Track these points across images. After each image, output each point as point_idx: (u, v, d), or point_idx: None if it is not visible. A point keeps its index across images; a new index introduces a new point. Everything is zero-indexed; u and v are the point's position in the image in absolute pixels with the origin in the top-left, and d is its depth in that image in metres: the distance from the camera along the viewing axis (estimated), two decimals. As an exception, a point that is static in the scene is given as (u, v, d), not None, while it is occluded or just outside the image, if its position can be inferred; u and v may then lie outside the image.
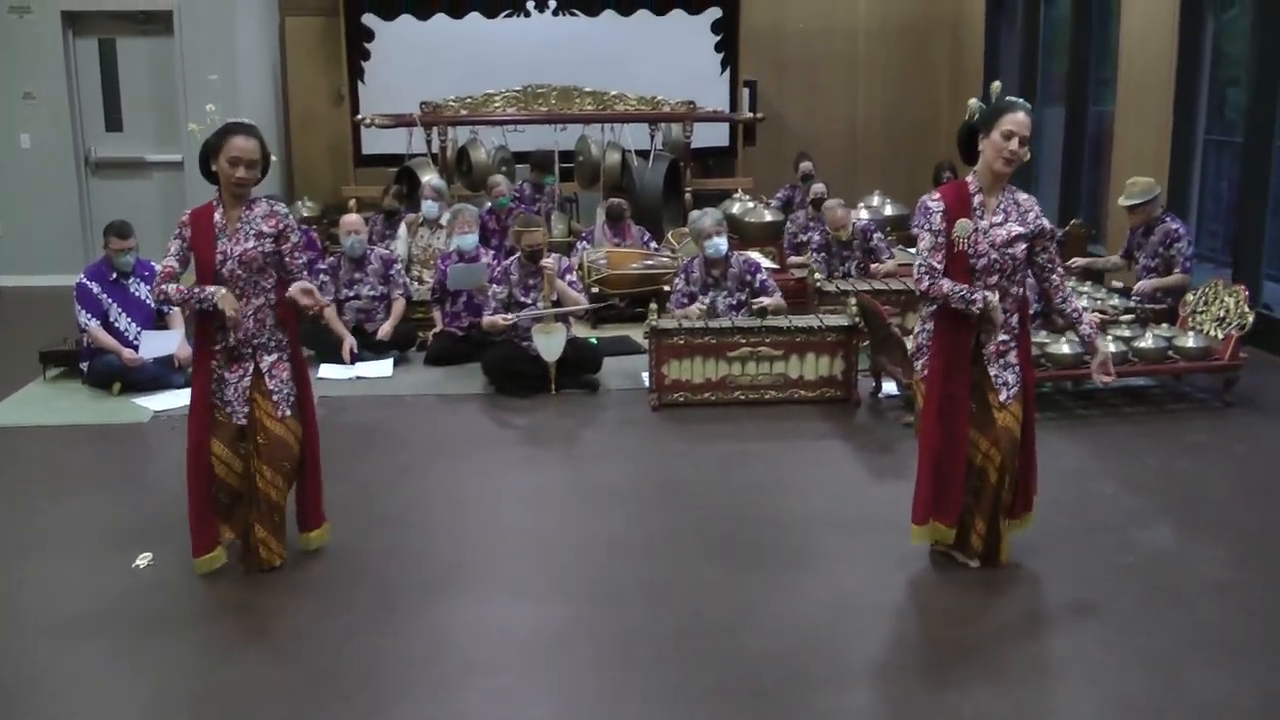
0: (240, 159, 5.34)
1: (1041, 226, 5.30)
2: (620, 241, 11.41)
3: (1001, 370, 5.36)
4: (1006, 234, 5.24)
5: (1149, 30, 11.14)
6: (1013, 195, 5.34)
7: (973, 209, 5.28)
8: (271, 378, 5.55)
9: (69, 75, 13.51)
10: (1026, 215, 5.29)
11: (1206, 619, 5.10)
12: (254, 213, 5.48)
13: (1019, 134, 5.17)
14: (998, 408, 5.35)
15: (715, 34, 15.19)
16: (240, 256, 5.39)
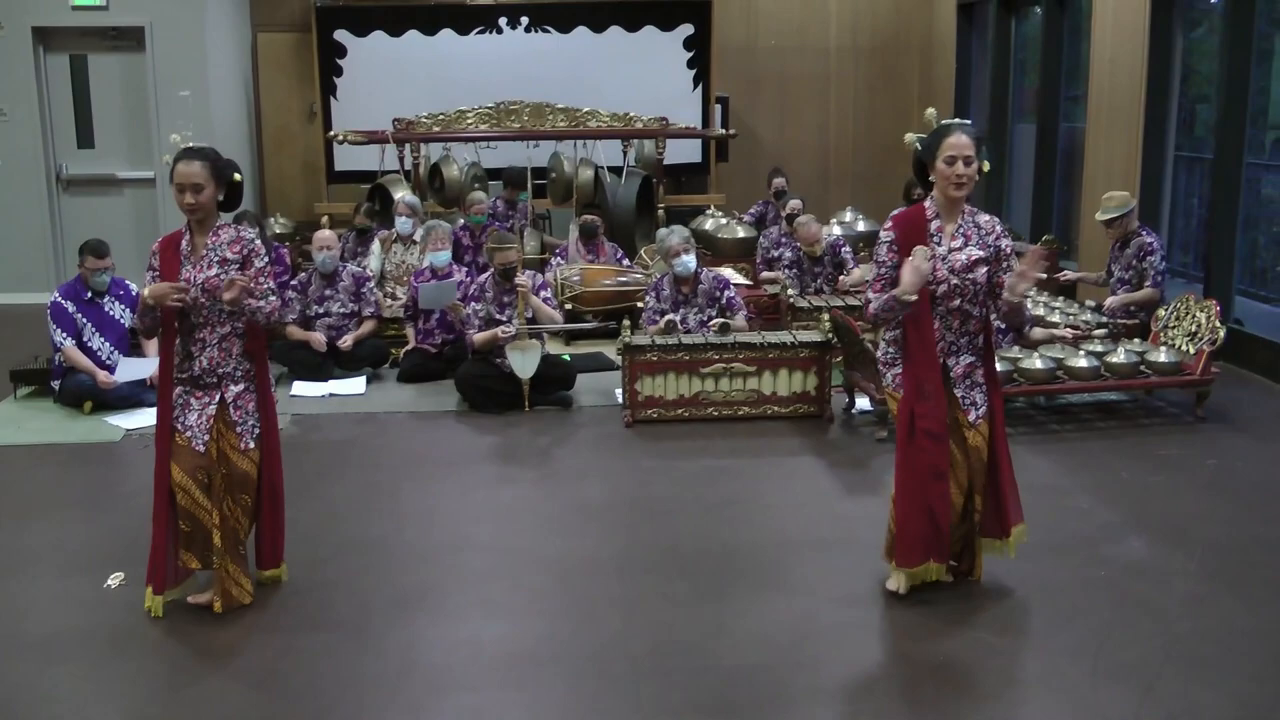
0: (184, 184, 5.25)
1: (999, 248, 5.25)
2: (594, 258, 11.41)
3: (969, 390, 5.33)
4: (966, 259, 5.19)
5: (1119, 47, 11.20)
6: (974, 218, 5.28)
7: (929, 235, 5.22)
8: (236, 408, 5.43)
9: (40, 92, 13.45)
10: (987, 238, 5.24)
11: (1179, 632, 5.12)
12: (220, 239, 5.37)
13: (960, 156, 5.09)
14: (967, 426, 5.32)
15: (687, 51, 15.22)
16: (203, 284, 5.28)
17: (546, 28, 15.00)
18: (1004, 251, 5.26)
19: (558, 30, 15.02)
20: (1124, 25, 11.11)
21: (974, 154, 5.13)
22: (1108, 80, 11.44)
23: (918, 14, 16.22)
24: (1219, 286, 9.83)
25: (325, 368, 9.52)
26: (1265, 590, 5.56)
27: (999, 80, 14.37)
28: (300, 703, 4.67)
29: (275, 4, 15.41)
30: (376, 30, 14.86)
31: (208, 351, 5.37)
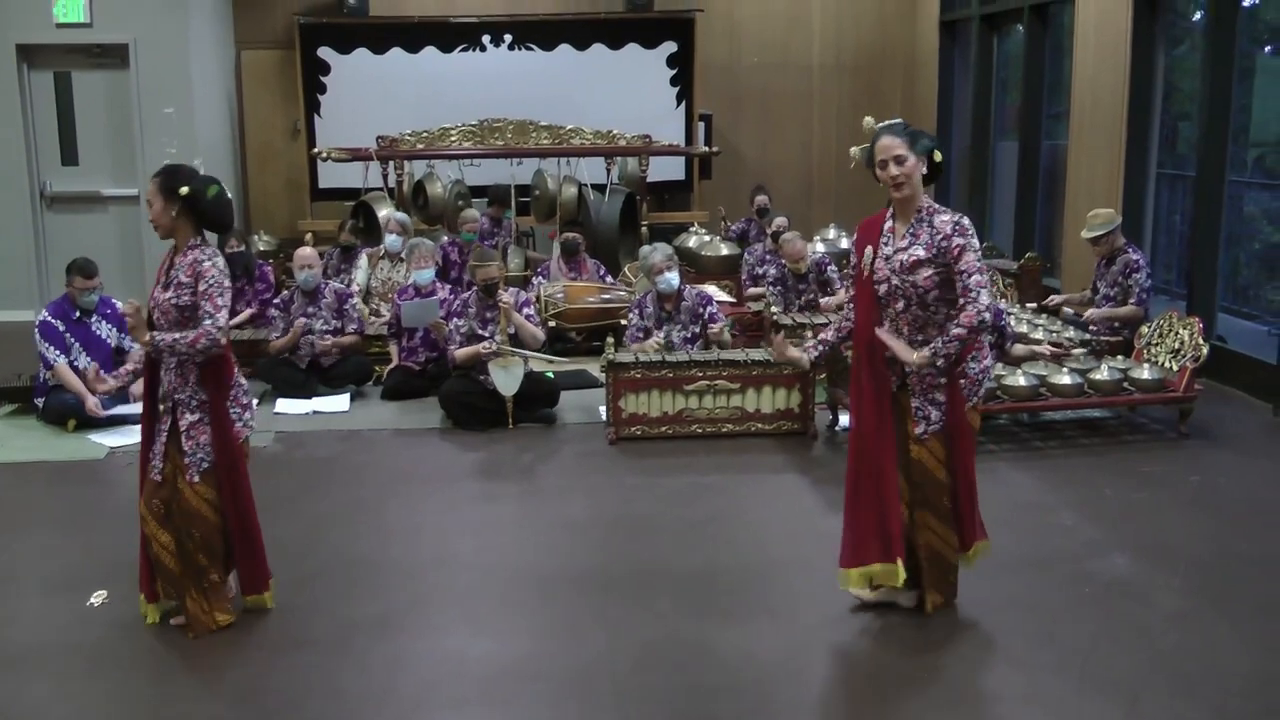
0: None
1: (945, 249, 5.05)
2: (576, 275, 11.42)
3: (924, 404, 5.22)
4: (907, 259, 5.11)
5: (1101, 65, 11.25)
6: (930, 219, 5.13)
7: (880, 236, 5.23)
8: (188, 439, 5.27)
9: (24, 109, 13.41)
10: (935, 238, 5.09)
11: (1163, 648, 5.13)
12: (185, 259, 5.25)
13: (890, 158, 5.07)
14: (914, 440, 5.24)
15: (670, 68, 15.26)
16: (159, 305, 5.25)
17: (530, 45, 15.04)
18: (949, 252, 5.05)
19: (541, 48, 15.07)
20: (1106, 43, 11.16)
21: (904, 152, 5.07)
22: (1090, 97, 11.49)
23: (900, 31, 16.28)
24: (1202, 303, 9.86)
25: (309, 385, 9.50)
26: (1248, 606, 5.57)
27: (981, 97, 14.42)
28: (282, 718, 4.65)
29: (259, 21, 15.42)
30: (360, 48, 14.89)
31: (168, 375, 5.30)
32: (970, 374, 5.21)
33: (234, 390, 5.38)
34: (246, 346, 9.98)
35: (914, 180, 5.11)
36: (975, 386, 5.25)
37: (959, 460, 5.25)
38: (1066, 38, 12.36)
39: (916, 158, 5.08)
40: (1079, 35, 11.72)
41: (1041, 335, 8.96)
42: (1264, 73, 10.41)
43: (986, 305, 4.99)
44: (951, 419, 5.20)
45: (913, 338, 5.18)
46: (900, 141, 5.08)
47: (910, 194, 5.13)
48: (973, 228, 5.11)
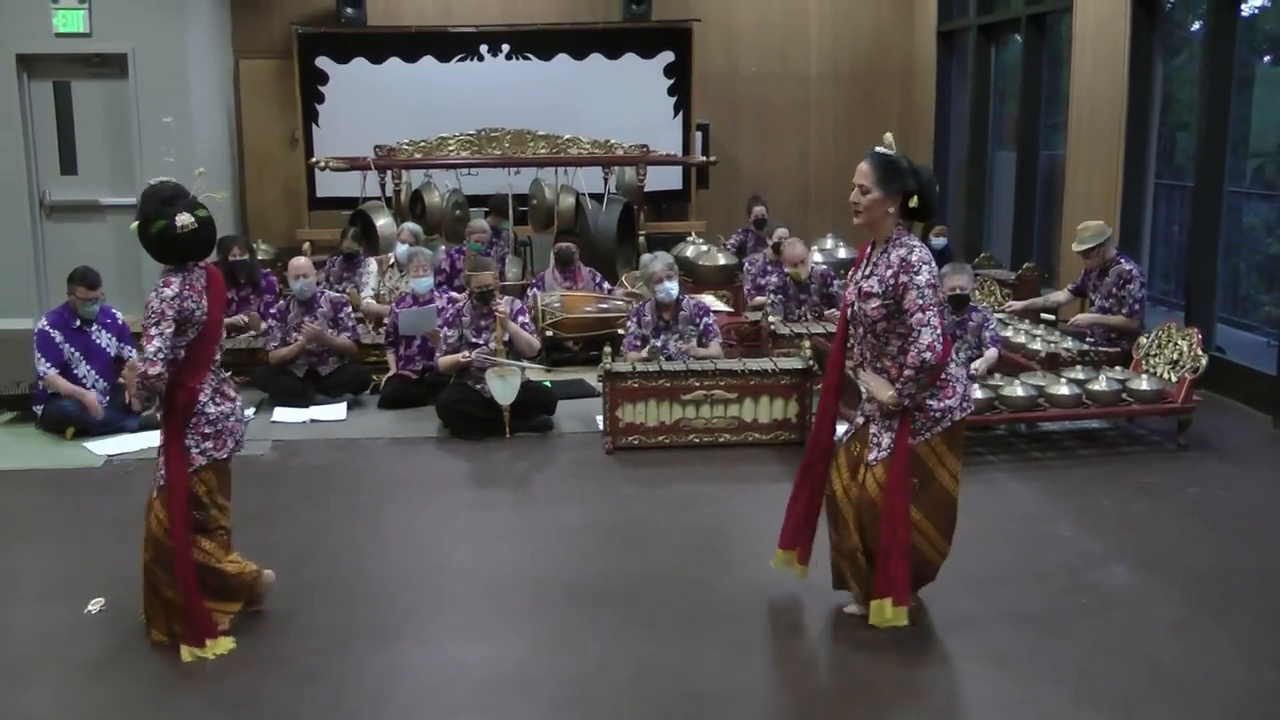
0: None
1: (890, 285, 5.02)
2: (571, 285, 11.42)
3: (880, 430, 5.20)
4: (865, 287, 5.13)
5: (1099, 75, 11.26)
6: (889, 251, 5.09)
7: (861, 261, 5.27)
8: (160, 453, 5.28)
9: (24, 118, 13.40)
10: (886, 273, 5.05)
11: (1161, 659, 5.12)
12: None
13: (857, 183, 5.07)
14: (865, 465, 5.25)
15: (668, 78, 15.27)
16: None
17: (527, 55, 15.05)
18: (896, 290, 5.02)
19: (539, 57, 15.07)
20: (1104, 53, 11.17)
21: (869, 184, 5.03)
22: (1088, 107, 11.50)
23: (898, 41, 16.30)
24: (1200, 314, 9.85)
25: (306, 393, 9.49)
26: (1247, 618, 5.55)
27: (979, 107, 14.42)
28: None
29: (257, 30, 15.42)
30: (358, 57, 14.89)
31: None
32: (927, 408, 5.13)
33: (195, 419, 5.24)
34: (245, 355, 10.00)
35: (872, 213, 5.08)
36: (930, 423, 5.14)
37: (890, 496, 5.11)
38: (1064, 48, 12.37)
39: (885, 194, 5.04)
40: (1077, 45, 11.73)
41: (1039, 346, 8.95)
42: (1263, 82, 10.42)
43: (927, 344, 4.95)
44: (895, 449, 5.14)
45: (873, 364, 5.24)
46: (870, 173, 5.06)
47: (865, 223, 5.13)
48: (924, 262, 5.02)
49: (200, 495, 5.29)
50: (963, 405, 5.19)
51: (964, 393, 5.22)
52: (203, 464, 5.26)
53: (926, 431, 5.15)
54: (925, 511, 5.23)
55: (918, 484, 5.18)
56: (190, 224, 5.16)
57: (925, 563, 5.35)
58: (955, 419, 5.17)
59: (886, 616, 5.13)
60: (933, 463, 5.19)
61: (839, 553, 5.47)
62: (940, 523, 5.30)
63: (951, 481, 5.26)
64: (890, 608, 5.11)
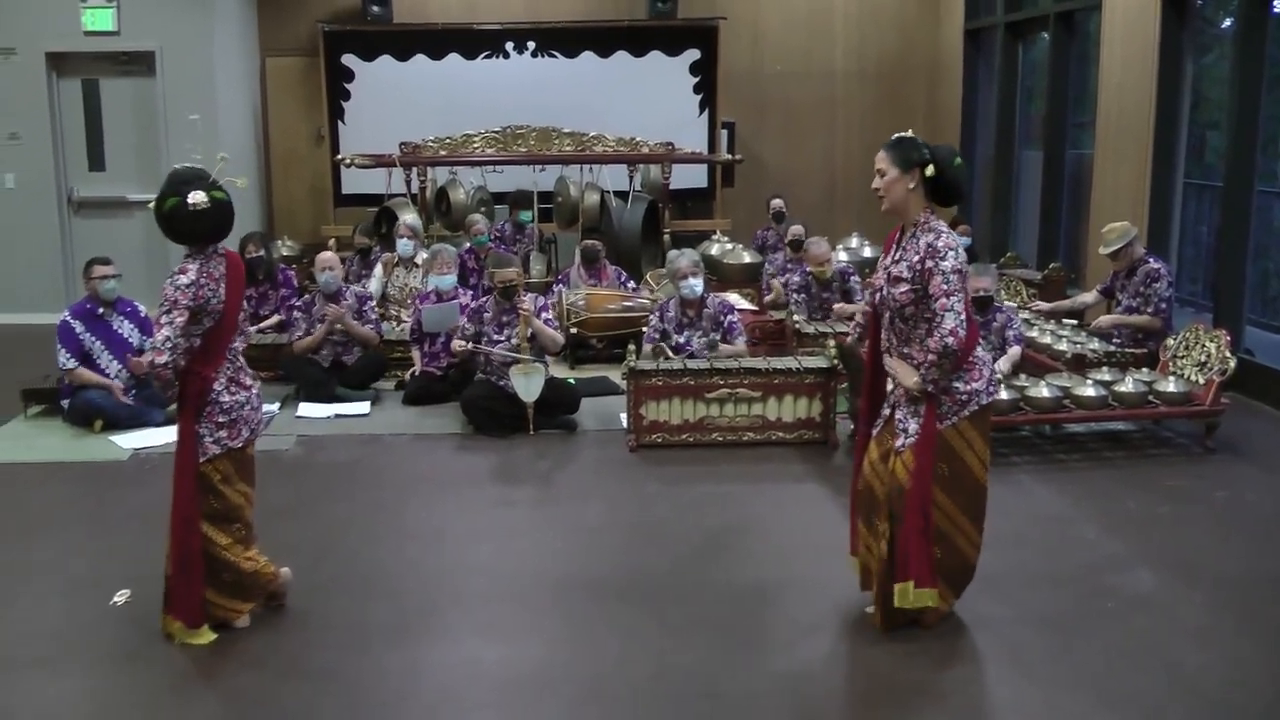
0: None
1: (918, 270, 5.04)
2: (596, 283, 11.41)
3: (906, 416, 5.21)
4: (894, 272, 5.15)
5: (1128, 73, 11.20)
6: (918, 236, 5.10)
7: (890, 247, 5.28)
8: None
9: (52, 115, 13.54)
10: (914, 258, 5.07)
11: (1184, 665, 5.08)
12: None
13: (876, 169, 5.15)
14: (893, 452, 5.24)
15: (694, 76, 15.26)
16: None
17: (553, 52, 15.05)
18: (923, 275, 5.04)
19: (564, 55, 15.07)
20: (1133, 51, 11.11)
21: (885, 165, 5.11)
22: (1116, 106, 11.43)
23: (924, 39, 16.25)
24: (1229, 316, 9.78)
25: (330, 384, 9.53)
26: (1273, 625, 5.52)
27: (1005, 106, 14.36)
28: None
29: (284, 29, 15.47)
30: (384, 55, 14.92)
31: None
32: (954, 392, 5.12)
33: (209, 408, 5.22)
34: (270, 351, 10.04)
35: (894, 194, 5.12)
36: (957, 406, 5.13)
37: (918, 478, 5.11)
38: (1092, 46, 12.31)
39: (901, 172, 5.07)
40: (1105, 43, 11.67)
41: (1065, 346, 8.91)
42: (1293, 81, 10.35)
43: (950, 329, 4.95)
44: (921, 434, 5.14)
45: (900, 349, 5.24)
46: (885, 155, 5.13)
47: (890, 207, 5.16)
48: (950, 248, 5.03)
49: (215, 483, 5.26)
50: (989, 389, 5.19)
51: (990, 376, 5.21)
52: (216, 453, 5.24)
53: (953, 415, 5.13)
54: (956, 501, 5.22)
55: (947, 471, 5.16)
56: (203, 202, 5.13)
57: (964, 561, 5.33)
58: (983, 402, 5.15)
59: (910, 599, 5.15)
60: (960, 446, 5.18)
61: (868, 550, 5.45)
62: (971, 511, 5.28)
63: (980, 467, 5.24)
64: (913, 590, 5.14)
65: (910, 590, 5.14)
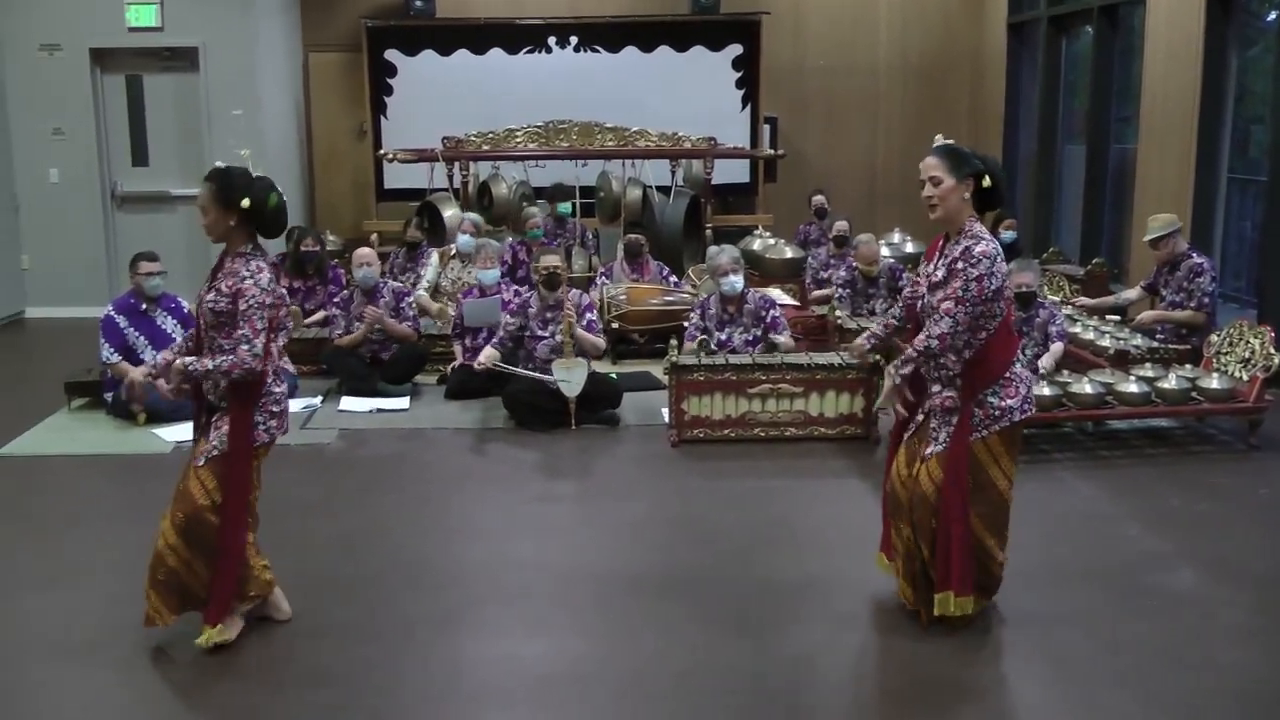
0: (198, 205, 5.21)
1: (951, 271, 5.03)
2: (639, 277, 11.43)
3: (939, 426, 5.17)
4: (929, 280, 5.14)
5: (1171, 67, 11.13)
6: (964, 241, 5.05)
7: (933, 255, 5.22)
8: (215, 429, 5.19)
9: (96, 111, 13.66)
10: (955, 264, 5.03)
11: (1226, 666, 5.06)
12: (231, 266, 5.13)
13: (926, 177, 5.05)
14: (920, 459, 5.22)
15: (736, 71, 15.26)
16: (201, 305, 5.17)
17: (596, 47, 15.08)
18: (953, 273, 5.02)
19: (607, 50, 15.10)
20: (1177, 44, 11.04)
21: (941, 174, 5.01)
22: (1160, 100, 11.37)
23: (967, 33, 16.19)
24: (1273, 311, 9.68)
25: (371, 378, 9.61)
26: (1316, 622, 5.49)
27: (1049, 100, 14.30)
28: (340, 716, 4.70)
29: (327, 24, 15.56)
30: (427, 50, 14.99)
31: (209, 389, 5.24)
32: (988, 406, 5.09)
33: (264, 399, 5.20)
34: (312, 345, 10.12)
35: (949, 203, 5.03)
36: (989, 420, 5.09)
37: (953, 487, 5.09)
38: (1136, 39, 12.24)
39: (958, 181, 5.00)
40: (1149, 37, 11.61)
41: (1108, 342, 8.86)
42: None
43: (939, 334, 4.97)
44: (952, 445, 5.11)
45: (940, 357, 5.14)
46: (939, 163, 5.04)
47: (943, 216, 5.07)
48: (985, 257, 4.97)
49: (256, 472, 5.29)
50: (1024, 407, 5.15)
51: (1026, 394, 5.16)
52: (265, 441, 5.25)
53: (984, 429, 5.11)
54: (979, 513, 5.19)
55: (971, 483, 5.14)
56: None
57: (986, 573, 5.31)
58: (1015, 420, 5.12)
59: (950, 608, 5.14)
60: (987, 460, 5.15)
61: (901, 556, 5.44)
62: (994, 526, 5.25)
63: (1005, 483, 5.21)
64: (953, 600, 5.13)
65: (951, 599, 5.14)
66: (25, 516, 7.09)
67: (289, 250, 11.21)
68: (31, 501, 7.39)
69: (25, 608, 5.75)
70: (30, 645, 5.36)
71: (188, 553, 5.18)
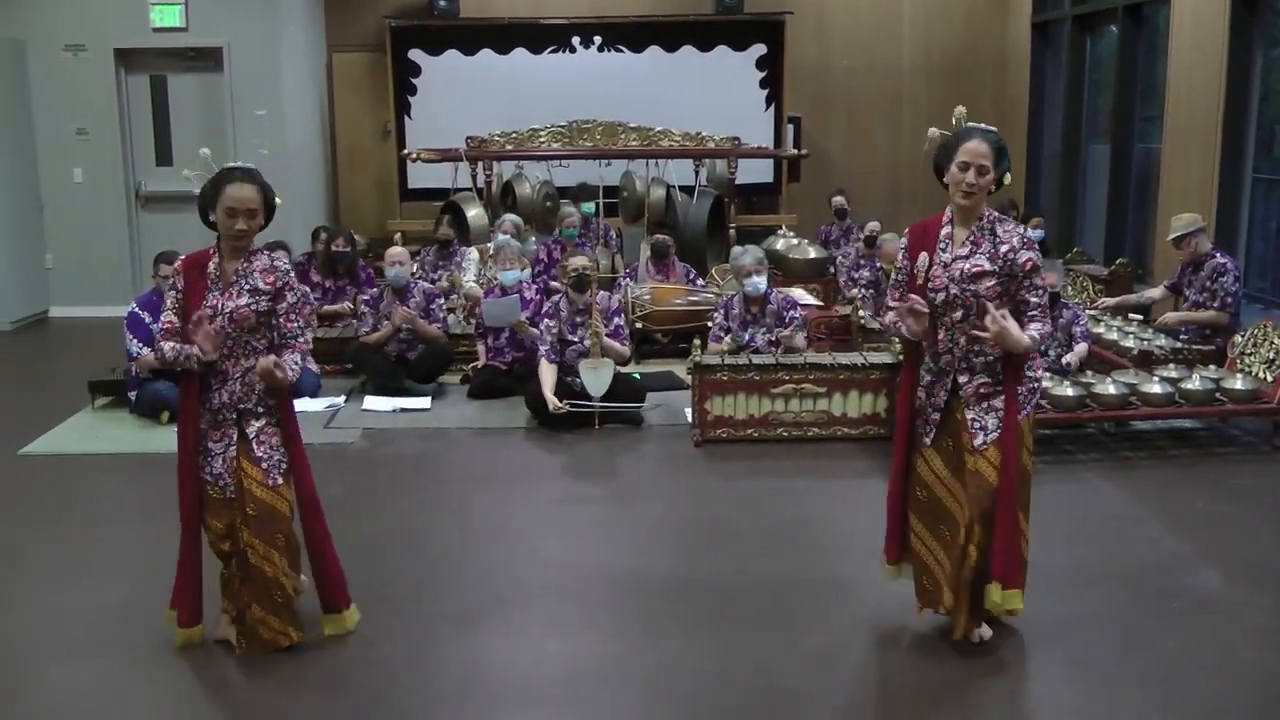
0: (237, 210, 4.93)
1: (1013, 262, 4.90)
2: (664, 278, 11.43)
3: (981, 414, 5.01)
4: (969, 268, 4.93)
5: (1196, 66, 11.09)
6: (992, 227, 4.97)
7: (937, 242, 5.02)
8: (260, 444, 5.08)
9: (121, 111, 13.72)
10: (999, 248, 4.92)
11: (1251, 669, 5.04)
12: (253, 266, 5.01)
13: (974, 164, 4.85)
14: (970, 451, 5.03)
15: (760, 71, 15.25)
16: (231, 314, 4.94)
17: (619, 47, 15.08)
18: (1020, 266, 4.91)
19: (630, 50, 15.10)
20: (1201, 43, 11.01)
21: (990, 163, 4.86)
22: (1184, 100, 11.33)
23: (991, 32, 16.15)
24: (1298, 312, 9.68)
25: (397, 375, 9.66)
26: (1341, 624, 5.47)
27: (1073, 100, 14.25)
28: (365, 713, 4.72)
29: (351, 24, 15.59)
30: (450, 49, 15.01)
31: (229, 385, 5.05)
32: (1026, 380, 5.03)
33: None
34: (337, 344, 10.15)
35: (984, 195, 4.95)
36: (1030, 395, 5.05)
37: (1010, 473, 4.98)
38: (1161, 39, 12.20)
39: (997, 175, 4.91)
40: (1174, 36, 11.56)
41: (1132, 343, 8.84)
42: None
43: (1047, 332, 4.96)
44: (1005, 430, 4.99)
45: (969, 352, 5.02)
46: (989, 152, 4.88)
47: (975, 205, 4.97)
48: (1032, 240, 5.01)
49: None
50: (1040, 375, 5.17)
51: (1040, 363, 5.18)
52: None
53: (1028, 404, 5.04)
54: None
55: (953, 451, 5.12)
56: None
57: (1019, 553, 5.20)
58: (1041, 389, 5.12)
59: (998, 600, 5.00)
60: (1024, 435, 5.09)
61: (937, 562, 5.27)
62: (1024, 502, 5.17)
63: (1028, 457, 5.15)
64: (999, 591, 4.98)
65: (996, 590, 4.99)
66: (49, 515, 7.14)
67: (318, 250, 11.26)
68: (55, 500, 7.44)
69: (49, 605, 5.78)
70: (53, 642, 5.39)
71: (292, 568, 5.19)
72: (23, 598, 5.88)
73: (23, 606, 5.78)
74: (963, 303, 4.96)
